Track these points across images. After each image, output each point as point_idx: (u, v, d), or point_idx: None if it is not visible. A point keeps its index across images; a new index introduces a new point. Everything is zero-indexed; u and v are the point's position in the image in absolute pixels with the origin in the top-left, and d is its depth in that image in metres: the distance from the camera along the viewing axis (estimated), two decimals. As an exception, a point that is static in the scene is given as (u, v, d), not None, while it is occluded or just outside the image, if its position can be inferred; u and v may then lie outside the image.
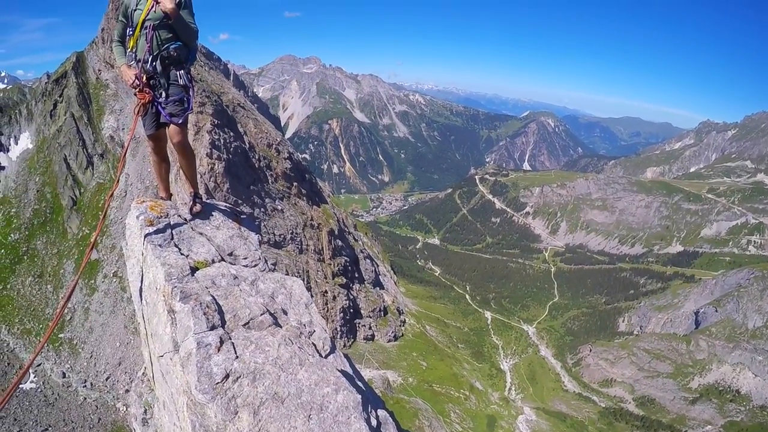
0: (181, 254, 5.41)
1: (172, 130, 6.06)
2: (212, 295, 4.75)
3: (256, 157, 68.50)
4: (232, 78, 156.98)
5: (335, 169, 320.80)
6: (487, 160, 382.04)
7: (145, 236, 5.61)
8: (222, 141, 60.51)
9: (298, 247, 68.17)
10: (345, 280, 75.97)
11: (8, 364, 51.64)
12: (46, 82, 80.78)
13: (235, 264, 5.71)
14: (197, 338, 4.19)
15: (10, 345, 53.94)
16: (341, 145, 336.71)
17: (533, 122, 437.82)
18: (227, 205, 7.11)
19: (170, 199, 6.87)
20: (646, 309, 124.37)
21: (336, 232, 78.36)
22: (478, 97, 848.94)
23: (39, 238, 64.01)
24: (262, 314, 4.84)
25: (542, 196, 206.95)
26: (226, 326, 4.54)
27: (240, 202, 57.72)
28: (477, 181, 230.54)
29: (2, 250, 62.95)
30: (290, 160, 77.88)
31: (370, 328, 77.69)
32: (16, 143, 76.69)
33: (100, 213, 64.34)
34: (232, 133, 63.91)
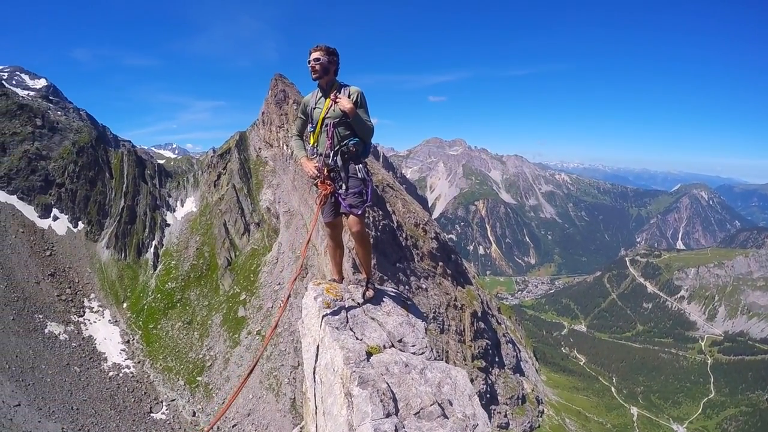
0: (356, 338, 5.68)
1: (351, 221, 6.44)
2: (387, 383, 4.88)
3: (404, 236, 70.32)
4: (381, 159, 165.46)
5: (481, 251, 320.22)
6: (638, 240, 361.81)
7: (323, 318, 5.98)
8: (371, 219, 63.16)
9: (439, 327, 67.92)
10: (484, 364, 73.51)
11: (145, 393, 56.69)
12: (212, 156, 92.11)
13: (404, 351, 5.85)
14: (374, 425, 4.30)
15: (150, 377, 59.35)
16: (487, 227, 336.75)
17: (685, 196, 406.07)
18: (395, 290, 7.39)
19: (342, 282, 7.28)
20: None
21: (479, 314, 76.67)
22: (625, 173, 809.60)
23: (193, 290, 70.57)
24: (431, 404, 4.86)
25: (698, 278, 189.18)
26: (399, 414, 4.62)
27: (385, 278, 59.23)
28: (627, 263, 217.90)
29: (158, 295, 70.46)
30: (437, 240, 78.61)
31: (505, 415, 73.69)
32: (182, 205, 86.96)
33: (270, 284, 69.72)
34: (381, 212, 66.59)
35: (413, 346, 6.00)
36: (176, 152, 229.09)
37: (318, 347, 5.98)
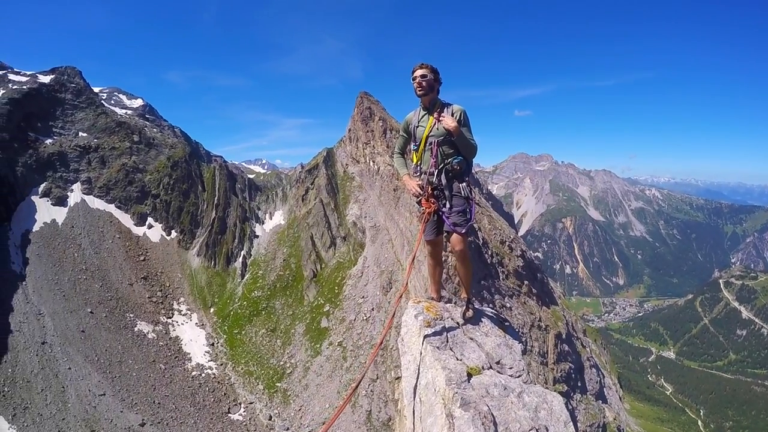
0: (456, 359, 5.73)
1: (454, 239, 6.49)
2: (488, 405, 4.94)
3: (489, 253, 69.18)
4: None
5: (568, 270, 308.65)
6: (733, 260, 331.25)
7: (425, 337, 6.07)
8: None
9: (522, 347, 66.11)
10: (566, 388, 70.39)
11: (224, 394, 59.18)
12: (300, 171, 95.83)
13: (502, 373, 5.86)
14: (476, 447, 4.36)
15: (231, 380, 61.94)
16: (575, 245, 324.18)
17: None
18: (493, 311, 7.45)
19: (440, 301, 7.35)
20: None
21: (563, 336, 73.82)
22: (719, 188, 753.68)
23: (278, 299, 73.04)
24: (530, 430, 4.89)
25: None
26: (499, 437, 4.66)
27: (469, 296, 58.77)
28: (721, 286, 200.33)
29: (245, 302, 73.59)
30: (522, 258, 76.72)
31: (584, 444, 70.14)
32: (271, 218, 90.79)
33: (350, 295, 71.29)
34: (466, 228, 66.28)
35: (510, 368, 6.03)
36: (266, 167, 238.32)
37: (419, 366, 6.06)
